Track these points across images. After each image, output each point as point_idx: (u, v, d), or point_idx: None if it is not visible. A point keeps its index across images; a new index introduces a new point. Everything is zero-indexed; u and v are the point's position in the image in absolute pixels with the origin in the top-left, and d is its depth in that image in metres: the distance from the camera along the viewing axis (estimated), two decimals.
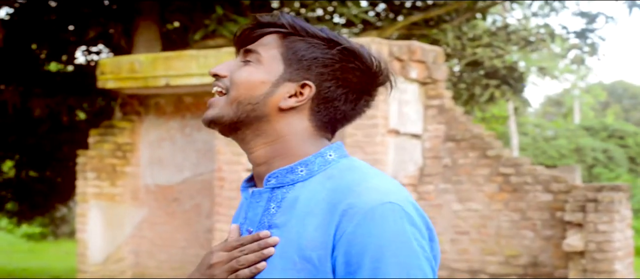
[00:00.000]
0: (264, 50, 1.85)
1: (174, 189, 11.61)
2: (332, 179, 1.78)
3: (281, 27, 1.87)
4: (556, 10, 16.81)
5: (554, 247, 9.93)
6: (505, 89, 16.12)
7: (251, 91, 1.83)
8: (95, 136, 11.74)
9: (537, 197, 10.03)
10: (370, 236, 1.66)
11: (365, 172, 1.79)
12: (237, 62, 1.89)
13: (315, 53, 1.83)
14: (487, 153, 10.27)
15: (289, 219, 1.77)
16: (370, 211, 1.68)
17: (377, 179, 1.77)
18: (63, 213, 25.25)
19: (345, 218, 1.69)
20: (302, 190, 1.79)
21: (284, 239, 1.75)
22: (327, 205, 1.73)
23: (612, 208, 9.45)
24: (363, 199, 1.69)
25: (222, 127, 1.87)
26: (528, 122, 39.18)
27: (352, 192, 1.72)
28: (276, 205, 1.81)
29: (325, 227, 1.71)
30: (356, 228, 1.67)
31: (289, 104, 1.83)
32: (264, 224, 1.81)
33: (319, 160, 1.83)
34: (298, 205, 1.77)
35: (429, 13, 14.24)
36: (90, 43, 15.36)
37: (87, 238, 11.43)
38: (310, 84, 1.83)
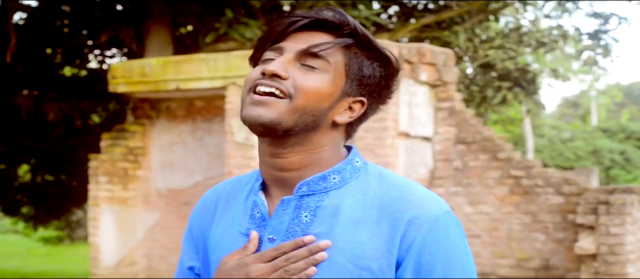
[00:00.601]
0: (331, 57, 1.79)
1: (185, 192, 11.62)
2: (373, 188, 1.79)
3: (350, 35, 1.82)
4: (569, 12, 16.75)
5: (566, 250, 9.88)
6: (518, 91, 16.06)
7: (319, 102, 1.78)
8: (107, 139, 11.77)
9: (549, 200, 9.98)
10: (439, 244, 1.72)
11: (403, 179, 1.83)
12: (293, 63, 1.80)
13: (376, 72, 1.83)
14: (498, 156, 10.23)
15: (332, 227, 1.75)
16: (436, 221, 1.73)
17: (421, 187, 1.81)
18: (79, 217, 25.35)
19: (411, 228, 1.72)
20: (341, 198, 1.78)
21: (332, 249, 1.73)
22: (381, 214, 1.75)
23: (624, 211, 9.39)
24: (426, 210, 1.74)
25: (274, 132, 1.78)
26: (544, 124, 39.03)
27: (410, 202, 1.75)
28: (310, 213, 1.78)
29: (385, 237, 1.73)
30: (425, 238, 1.72)
31: (345, 119, 1.82)
32: (295, 233, 1.77)
33: (349, 167, 1.83)
34: (341, 214, 1.76)
35: (441, 15, 14.20)
36: (103, 47, 15.41)
37: (99, 241, 11.46)
38: (364, 101, 1.83)
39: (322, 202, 1.78)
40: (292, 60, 1.79)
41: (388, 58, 1.84)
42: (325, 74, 1.78)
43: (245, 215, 1.86)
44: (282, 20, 1.83)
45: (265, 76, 1.78)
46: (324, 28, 1.82)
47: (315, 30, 1.82)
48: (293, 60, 1.79)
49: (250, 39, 12.08)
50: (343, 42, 1.80)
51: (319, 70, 1.78)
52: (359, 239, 1.73)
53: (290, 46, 1.81)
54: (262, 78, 1.78)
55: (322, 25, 1.82)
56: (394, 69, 1.85)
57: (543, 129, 37.53)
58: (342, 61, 1.80)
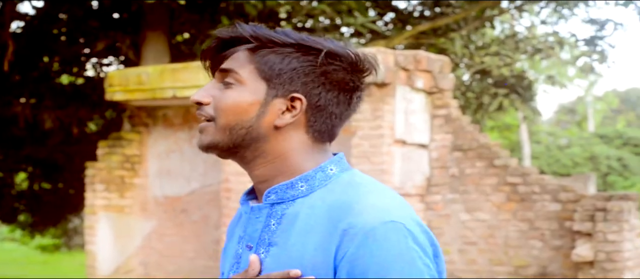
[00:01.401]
0: (239, 68, 1.77)
1: (182, 200, 11.63)
2: (332, 195, 1.73)
3: (245, 41, 1.79)
4: (565, 18, 16.76)
5: (563, 257, 9.88)
6: (514, 98, 16.08)
7: (241, 115, 1.76)
8: (104, 147, 11.78)
9: (546, 207, 9.98)
10: (372, 256, 1.62)
11: (366, 188, 1.74)
12: (216, 84, 1.81)
13: (292, 63, 1.76)
14: (495, 163, 10.23)
15: (288, 236, 1.73)
16: (371, 230, 1.63)
17: (378, 195, 1.71)
18: (76, 224, 25.30)
19: (346, 238, 1.64)
20: (302, 206, 1.75)
21: (286, 258, 1.71)
22: (327, 223, 1.69)
23: (621, 217, 9.39)
24: (364, 219, 1.64)
25: (219, 152, 1.81)
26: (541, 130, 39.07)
27: (352, 210, 1.67)
28: (276, 221, 1.76)
29: (325, 247, 1.67)
30: (358, 249, 1.63)
31: (285, 120, 1.77)
32: (264, 240, 1.77)
33: (319, 174, 1.77)
34: (298, 222, 1.73)
35: (436, 22, 14.23)
36: (100, 55, 15.42)
37: (96, 249, 11.46)
38: (299, 96, 1.76)
39: (286, 211, 1.76)
40: (216, 83, 1.81)
41: (305, 46, 1.77)
42: (240, 86, 1.76)
43: (242, 223, 1.87)
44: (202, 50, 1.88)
45: (198, 105, 1.82)
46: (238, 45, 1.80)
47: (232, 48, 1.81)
48: (217, 82, 1.81)
49: None
50: (238, 49, 1.79)
51: (234, 84, 1.77)
52: (306, 249, 1.69)
53: (214, 69, 1.84)
54: (198, 108, 1.82)
55: (235, 43, 1.80)
56: (313, 50, 1.77)
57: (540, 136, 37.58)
58: (252, 68, 1.76)
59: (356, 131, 9.75)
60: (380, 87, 9.69)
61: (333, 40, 1.81)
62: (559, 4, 15.80)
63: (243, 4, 12.18)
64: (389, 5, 15.02)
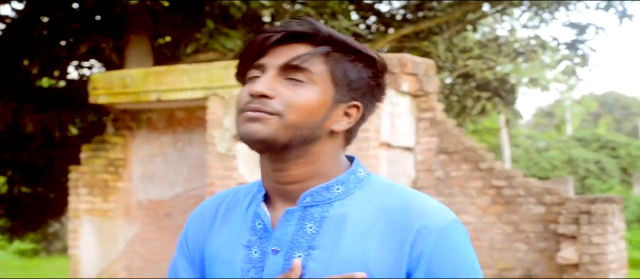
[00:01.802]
0: (314, 68, 1.78)
1: (166, 204, 11.57)
2: (376, 197, 1.79)
3: (324, 42, 1.80)
4: (546, 22, 16.82)
5: (548, 259, 9.92)
6: (497, 101, 16.13)
7: (311, 115, 1.76)
8: (87, 151, 11.70)
9: (530, 210, 10.02)
10: (448, 253, 1.73)
11: (407, 189, 1.82)
12: (277, 78, 1.78)
13: (362, 74, 1.81)
14: (480, 166, 10.26)
15: (338, 239, 1.75)
16: (444, 230, 1.73)
17: (426, 196, 1.81)
18: (56, 229, 25.16)
19: (420, 237, 1.72)
20: (346, 209, 1.78)
21: (340, 261, 1.73)
22: (387, 225, 1.75)
23: (605, 220, 9.45)
24: (435, 219, 1.74)
25: (270, 147, 1.77)
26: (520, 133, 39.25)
27: (415, 211, 1.75)
28: (315, 224, 1.77)
29: (393, 247, 1.73)
30: (434, 247, 1.72)
31: (343, 127, 1.81)
32: (300, 244, 1.77)
33: (352, 177, 1.82)
34: (347, 225, 1.76)
35: (419, 25, 14.25)
36: (82, 58, 15.32)
37: (79, 254, 11.38)
38: (359, 105, 1.82)
39: (326, 213, 1.78)
40: (276, 76, 1.77)
41: (371, 57, 1.82)
42: (312, 85, 1.77)
43: (245, 227, 1.86)
44: (257, 36, 1.81)
45: (253, 97, 1.76)
46: (301, 39, 1.80)
47: (292, 42, 1.80)
48: (277, 76, 1.78)
49: (231, 50, 12.06)
50: (321, 50, 1.78)
51: (305, 83, 1.77)
52: (367, 250, 1.73)
53: (270, 62, 1.79)
54: (251, 100, 1.77)
55: (297, 37, 1.80)
56: (380, 66, 1.83)
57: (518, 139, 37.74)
58: (325, 70, 1.78)
59: None
60: None
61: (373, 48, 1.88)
62: (540, 7, 15.87)
63: (227, 7, 12.14)
64: (371, 9, 15.04)
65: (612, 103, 55.17)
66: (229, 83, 10.08)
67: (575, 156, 34.07)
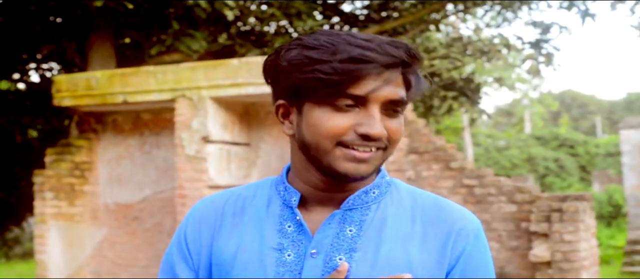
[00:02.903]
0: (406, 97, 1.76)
1: (134, 207, 11.42)
2: (408, 202, 1.85)
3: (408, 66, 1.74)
4: (509, 21, 16.90)
5: (520, 257, 9.92)
6: (463, 100, 16.16)
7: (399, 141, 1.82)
8: (52, 155, 11.50)
9: (502, 208, 10.02)
10: (479, 253, 1.82)
11: (428, 193, 1.89)
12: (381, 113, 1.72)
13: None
14: (451, 165, 10.25)
15: (380, 242, 1.78)
16: (476, 231, 1.83)
17: (449, 200, 1.88)
18: (16, 234, 24.82)
19: (459, 238, 1.80)
20: (383, 213, 1.82)
21: (384, 263, 1.75)
22: (425, 228, 1.80)
23: (577, 218, 9.47)
24: (471, 222, 1.83)
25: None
26: (480, 132, 39.46)
27: (452, 214, 1.82)
28: (355, 227, 1.79)
29: (434, 249, 1.79)
30: (472, 247, 1.80)
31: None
32: (341, 247, 1.77)
33: (383, 181, 1.86)
34: (386, 229, 1.79)
35: (384, 25, 14.22)
36: (42, 61, 15.11)
37: (46, 259, 11.18)
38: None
39: (365, 217, 1.80)
40: (380, 111, 1.71)
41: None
42: (402, 112, 1.78)
43: (270, 229, 1.83)
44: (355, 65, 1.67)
45: (362, 137, 1.70)
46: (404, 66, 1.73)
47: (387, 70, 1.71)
48: (381, 110, 1.71)
49: (196, 51, 11.95)
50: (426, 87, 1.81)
51: (400, 112, 1.75)
52: (409, 253, 1.76)
53: (373, 96, 1.69)
54: (360, 140, 1.70)
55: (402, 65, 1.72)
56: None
57: (479, 138, 37.95)
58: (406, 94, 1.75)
59: None
60: None
61: None
62: (503, 6, 15.93)
63: (192, 8, 12.02)
64: (335, 9, 14.99)
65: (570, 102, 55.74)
66: (197, 84, 9.97)
67: (534, 154, 34.35)
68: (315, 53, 1.69)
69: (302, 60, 1.71)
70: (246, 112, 10.85)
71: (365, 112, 1.69)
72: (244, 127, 10.81)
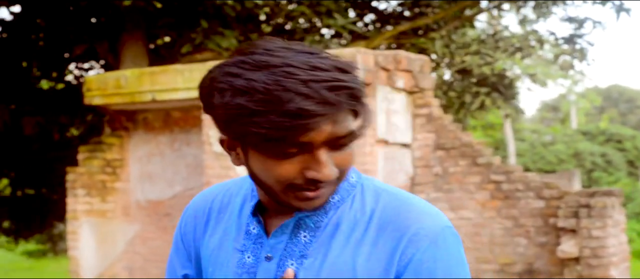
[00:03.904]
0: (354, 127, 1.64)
1: (165, 204, 11.54)
2: (370, 205, 1.74)
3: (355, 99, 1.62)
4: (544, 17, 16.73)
5: (549, 253, 9.85)
6: (496, 96, 16.05)
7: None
8: (85, 152, 11.66)
9: (530, 204, 9.96)
10: (437, 261, 1.67)
11: (402, 194, 1.76)
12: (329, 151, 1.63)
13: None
14: (478, 161, 10.20)
15: (329, 248, 1.72)
16: (435, 236, 1.68)
17: (418, 201, 1.75)
18: (61, 230, 25.15)
19: (411, 244, 1.67)
20: (339, 218, 1.74)
21: (330, 270, 1.70)
22: (379, 232, 1.70)
23: (605, 213, 9.38)
24: (426, 225, 1.69)
25: None
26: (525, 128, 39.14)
27: (409, 218, 1.70)
28: (309, 234, 1.74)
29: (383, 255, 1.68)
30: (424, 254, 1.67)
31: None
32: (293, 253, 1.74)
33: (346, 184, 1.76)
34: (338, 234, 1.73)
35: (416, 22, 14.18)
36: (80, 60, 15.30)
37: (79, 255, 11.34)
38: None
39: (321, 222, 1.74)
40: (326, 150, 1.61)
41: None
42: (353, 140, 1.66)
43: (239, 230, 1.83)
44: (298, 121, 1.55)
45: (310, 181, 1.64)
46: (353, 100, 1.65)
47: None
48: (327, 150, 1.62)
49: (226, 49, 12.01)
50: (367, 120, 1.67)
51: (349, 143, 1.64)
52: (356, 259, 1.69)
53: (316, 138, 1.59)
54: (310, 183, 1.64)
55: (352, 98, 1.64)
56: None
57: (523, 134, 37.64)
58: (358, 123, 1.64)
59: None
60: None
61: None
62: (537, 3, 15.79)
63: (222, 6, 12.09)
64: (368, 6, 14.97)
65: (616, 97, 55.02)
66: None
67: (581, 149, 33.98)
68: (250, 102, 1.55)
69: (237, 111, 1.57)
70: None
71: (311, 156, 1.61)
72: None
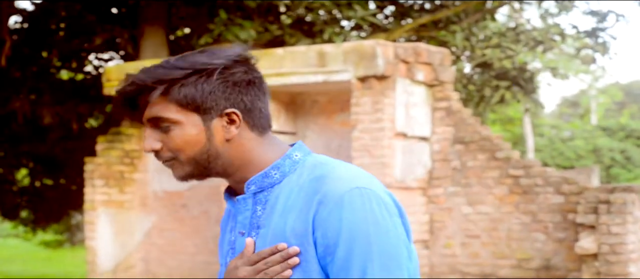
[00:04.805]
0: (166, 112, 1.94)
1: (182, 195, 11.54)
2: (304, 176, 1.95)
3: (151, 89, 1.92)
4: (566, 10, 16.63)
5: (567, 249, 9.79)
6: (516, 90, 15.96)
7: (195, 146, 1.94)
8: (103, 143, 11.68)
9: (548, 199, 9.89)
10: (341, 220, 1.84)
11: (332, 164, 1.95)
12: (154, 131, 1.97)
13: (205, 87, 1.93)
14: (496, 155, 10.14)
15: (271, 218, 1.94)
16: (340, 197, 1.85)
17: (344, 168, 1.93)
18: (78, 220, 25.24)
19: (321, 206, 1.86)
20: (280, 190, 1.96)
21: (271, 236, 1.91)
22: (304, 199, 1.90)
23: (625, 210, 9.30)
24: (334, 187, 1.86)
25: (196, 178, 2.01)
26: (544, 123, 38.92)
27: (323, 183, 1.88)
28: (262, 207, 1.96)
29: (303, 217, 1.88)
30: (329, 214, 1.84)
31: (232, 133, 1.96)
32: (254, 225, 1.97)
33: (287, 161, 1.99)
34: (278, 204, 1.94)
35: (437, 15, 14.11)
36: (99, 50, 15.33)
37: (96, 245, 11.38)
38: (231, 110, 1.95)
39: (268, 196, 1.96)
40: (153, 130, 1.96)
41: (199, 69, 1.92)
42: (178, 125, 1.94)
43: (233, 214, 2.08)
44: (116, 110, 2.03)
45: (155, 154, 2.00)
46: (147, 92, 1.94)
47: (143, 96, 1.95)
48: (153, 129, 1.96)
49: (245, 40, 12.00)
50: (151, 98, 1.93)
51: (172, 126, 1.95)
52: (286, 224, 1.90)
53: (144, 120, 1.98)
54: (156, 155, 2.00)
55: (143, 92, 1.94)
56: (211, 69, 1.93)
57: (542, 129, 37.45)
58: (175, 106, 1.93)
59: (356, 124, 9.67)
60: (380, 80, 9.60)
61: (208, 50, 1.99)
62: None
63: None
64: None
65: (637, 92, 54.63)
66: None
67: (600, 145, 33.80)
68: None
69: None
70: (292, 102, 10.88)
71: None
72: (290, 116, 10.85)
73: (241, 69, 1.97)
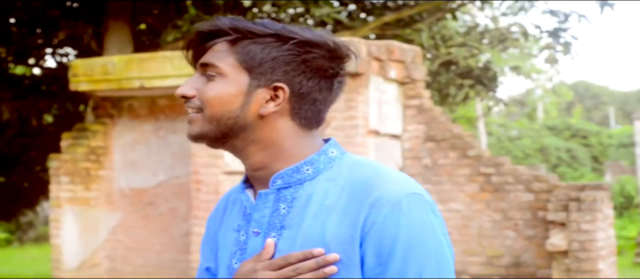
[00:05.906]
0: (220, 61, 1.84)
1: (149, 192, 11.42)
2: (342, 175, 1.82)
3: (225, 34, 1.85)
4: (525, 10, 16.77)
5: (537, 247, 9.88)
6: (480, 88, 16.08)
7: (226, 106, 1.83)
8: (68, 139, 11.51)
9: (519, 197, 9.98)
10: (399, 226, 1.71)
11: (376, 165, 1.83)
12: (200, 77, 1.87)
13: (273, 53, 1.83)
14: (468, 153, 10.20)
15: (303, 218, 1.79)
16: (398, 202, 1.72)
17: (392, 171, 1.81)
18: (30, 218, 24.87)
19: (373, 210, 1.73)
20: (313, 188, 1.82)
21: (303, 239, 1.77)
22: (349, 201, 1.76)
23: (594, 207, 9.41)
24: (389, 191, 1.74)
25: (209, 142, 1.88)
26: (493, 122, 39.37)
27: (375, 185, 1.76)
28: (287, 205, 1.83)
29: (350, 222, 1.74)
30: (385, 219, 1.72)
31: (269, 109, 1.83)
32: (275, 225, 1.82)
33: (322, 158, 1.86)
34: (311, 204, 1.80)
35: (401, 13, 14.15)
36: (58, 46, 15.10)
37: (61, 243, 11.20)
38: (281, 85, 1.83)
39: (297, 194, 1.83)
40: (199, 76, 1.87)
41: (281, 34, 1.83)
42: (222, 78, 1.83)
43: (239, 211, 1.95)
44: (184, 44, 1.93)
45: (184, 99, 1.88)
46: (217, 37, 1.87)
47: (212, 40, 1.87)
48: (199, 75, 1.87)
49: None
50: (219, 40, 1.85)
51: (216, 77, 1.83)
52: (326, 228, 1.76)
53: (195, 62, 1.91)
54: (185, 101, 1.88)
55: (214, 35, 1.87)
56: (292, 39, 1.83)
57: (491, 127, 37.86)
58: (233, 59, 1.83)
59: (330, 122, 9.65)
60: (353, 77, 9.59)
61: (311, 29, 1.86)
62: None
63: None
64: None
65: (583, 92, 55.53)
66: None
67: (547, 144, 34.27)
68: None
69: None
70: None
71: None
72: None
73: (323, 53, 1.84)
